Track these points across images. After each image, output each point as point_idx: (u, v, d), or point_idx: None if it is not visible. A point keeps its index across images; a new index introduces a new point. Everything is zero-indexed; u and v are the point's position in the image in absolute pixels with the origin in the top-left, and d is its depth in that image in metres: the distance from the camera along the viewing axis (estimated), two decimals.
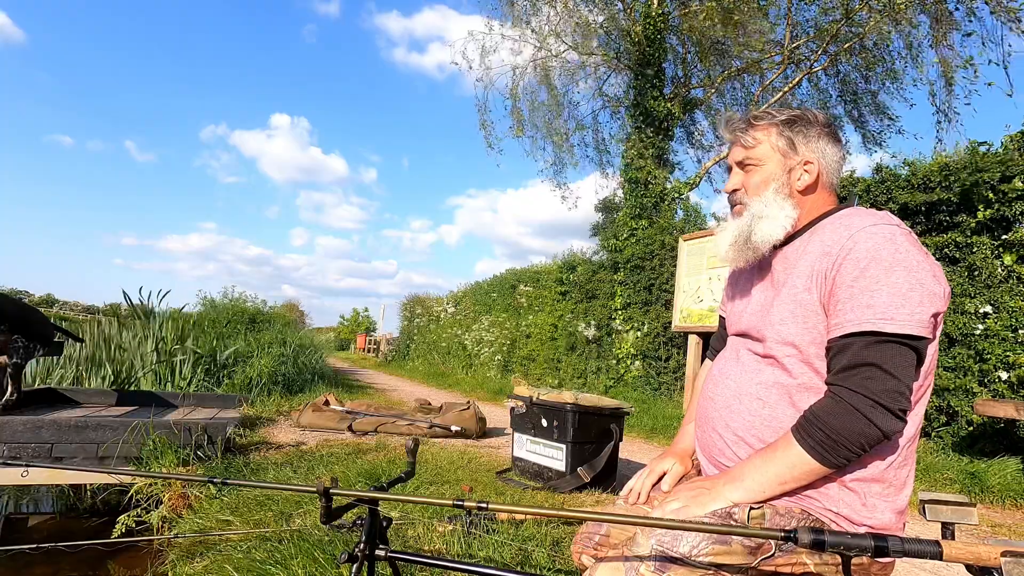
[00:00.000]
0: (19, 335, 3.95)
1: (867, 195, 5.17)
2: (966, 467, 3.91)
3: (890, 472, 1.02)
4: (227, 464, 3.54)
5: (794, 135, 1.16)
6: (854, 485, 1.01)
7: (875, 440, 0.94)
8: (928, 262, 0.99)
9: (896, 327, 0.93)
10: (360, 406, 5.77)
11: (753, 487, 1.01)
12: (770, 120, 1.18)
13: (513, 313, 12.24)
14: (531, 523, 2.54)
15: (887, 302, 0.94)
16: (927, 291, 0.95)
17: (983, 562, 0.75)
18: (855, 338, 0.96)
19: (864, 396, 0.93)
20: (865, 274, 0.97)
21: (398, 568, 1.29)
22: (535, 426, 3.67)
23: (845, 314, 0.98)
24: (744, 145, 1.19)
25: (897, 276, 0.96)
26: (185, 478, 3.41)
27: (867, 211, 1.08)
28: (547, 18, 11.69)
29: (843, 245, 1.02)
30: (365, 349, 27.22)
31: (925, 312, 0.94)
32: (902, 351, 0.94)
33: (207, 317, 8.90)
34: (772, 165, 1.17)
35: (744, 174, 1.20)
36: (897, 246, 0.98)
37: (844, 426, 0.94)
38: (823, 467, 0.97)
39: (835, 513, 1.02)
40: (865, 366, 0.94)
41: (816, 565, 0.99)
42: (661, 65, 10.77)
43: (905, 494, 1.04)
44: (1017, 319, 4.13)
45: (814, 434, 0.97)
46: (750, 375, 1.14)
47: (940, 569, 2.51)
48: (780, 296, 1.11)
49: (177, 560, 2.45)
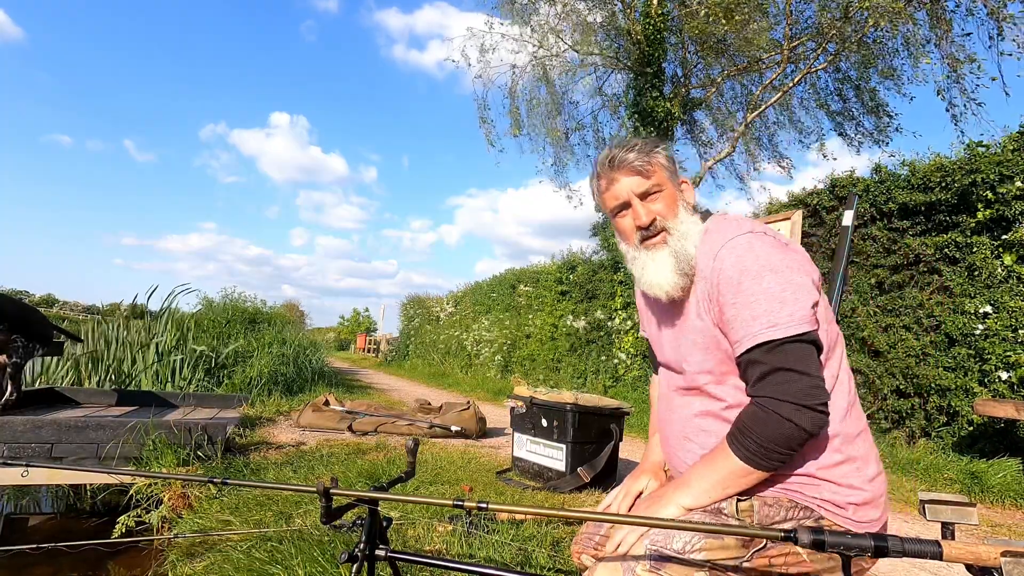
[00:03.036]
0: (19, 335, 3.95)
1: (867, 195, 5.17)
2: (966, 467, 3.91)
3: (851, 449, 1.07)
4: (227, 464, 3.54)
5: (669, 158, 1.22)
6: (824, 474, 1.05)
7: (803, 440, 0.99)
8: (789, 257, 1.06)
9: (783, 331, 0.99)
10: (360, 406, 5.77)
11: (700, 494, 1.05)
12: (651, 148, 1.21)
13: (513, 313, 12.24)
14: (531, 523, 2.54)
15: (767, 309, 1.01)
16: (799, 287, 1.03)
17: (983, 562, 0.75)
18: (754, 351, 1.02)
19: (784, 401, 0.97)
20: (740, 289, 1.04)
21: (398, 568, 1.29)
22: (535, 426, 3.67)
23: (738, 332, 1.04)
24: (644, 175, 1.19)
25: (767, 282, 1.02)
26: (185, 478, 3.41)
27: (722, 224, 1.16)
28: (546, 17, 11.68)
29: (712, 268, 1.09)
30: (365, 349, 27.22)
31: (803, 307, 1.01)
32: (800, 348, 1.00)
33: (207, 317, 8.89)
34: (670, 187, 1.21)
35: (646, 203, 1.20)
36: (757, 253, 1.05)
37: (772, 433, 0.98)
38: (759, 471, 1.02)
39: (821, 499, 1.05)
40: (774, 372, 0.99)
41: (809, 554, 1.01)
42: (661, 65, 10.75)
43: (874, 464, 1.09)
44: (1017, 319, 4.13)
45: (747, 444, 1.01)
46: (687, 410, 1.20)
47: (940, 569, 2.50)
48: (683, 327, 1.18)
49: (177, 560, 2.45)
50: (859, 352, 5.12)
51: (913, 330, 4.75)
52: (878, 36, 9.43)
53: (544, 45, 11.69)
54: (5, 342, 3.88)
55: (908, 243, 4.83)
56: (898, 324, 4.85)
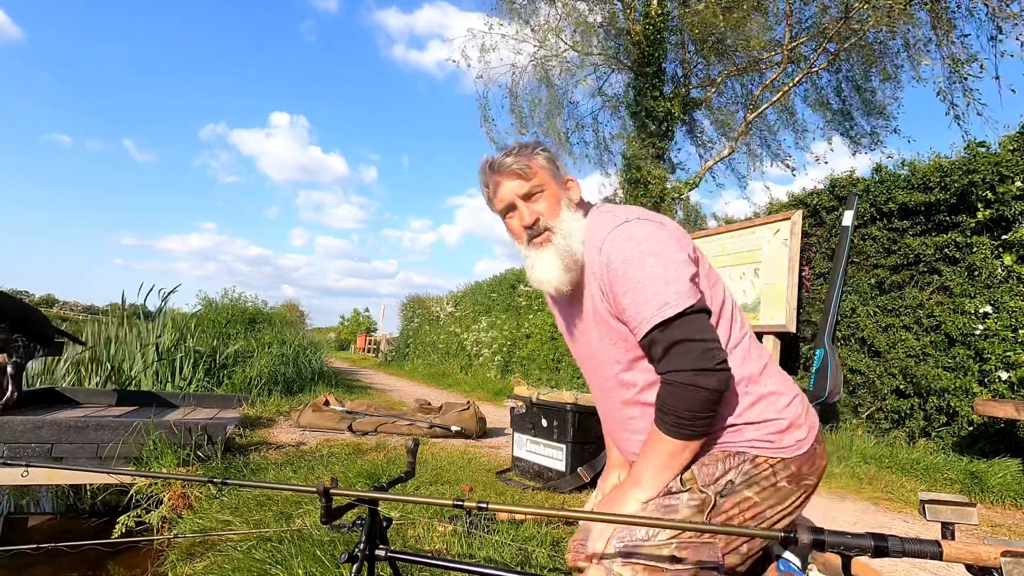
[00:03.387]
0: (20, 335, 3.95)
1: (867, 195, 5.17)
2: (966, 467, 3.91)
3: (758, 387, 1.14)
4: (227, 464, 3.54)
5: (551, 159, 1.27)
6: (742, 418, 1.12)
7: (715, 399, 1.04)
8: (664, 235, 1.12)
9: (673, 309, 1.05)
10: (360, 406, 5.77)
11: (651, 484, 1.11)
12: (531, 151, 1.26)
13: (513, 313, 12.24)
14: (531, 523, 2.54)
15: (655, 291, 1.07)
16: (678, 264, 1.09)
17: (983, 562, 0.75)
18: (652, 332, 1.07)
19: (686, 370, 1.03)
20: (628, 279, 1.10)
21: (398, 568, 1.29)
22: (535, 426, 3.67)
23: (634, 318, 1.10)
24: (525, 178, 1.24)
25: (650, 266, 1.08)
26: (185, 478, 3.41)
27: (601, 217, 1.21)
28: (546, 17, 11.68)
29: (599, 262, 1.15)
30: (365, 349, 27.21)
31: (685, 282, 1.07)
32: (691, 319, 1.05)
33: (207, 317, 8.89)
34: (553, 187, 1.26)
35: (529, 204, 1.25)
36: (635, 240, 1.11)
37: (686, 403, 1.03)
38: (692, 442, 1.08)
39: (747, 441, 1.12)
40: (673, 346, 1.05)
41: (757, 493, 1.09)
42: (661, 65, 10.75)
43: (786, 394, 1.16)
44: (1017, 319, 4.13)
45: (669, 421, 1.06)
46: (612, 401, 1.26)
47: (940, 569, 2.50)
48: (586, 322, 1.24)
49: (177, 560, 2.45)
50: (859, 352, 5.12)
51: (913, 330, 4.75)
52: (879, 36, 9.43)
53: (544, 45, 11.68)
54: (6, 341, 3.88)
55: (908, 243, 4.83)
56: (898, 324, 4.85)
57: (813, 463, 1.13)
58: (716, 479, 1.09)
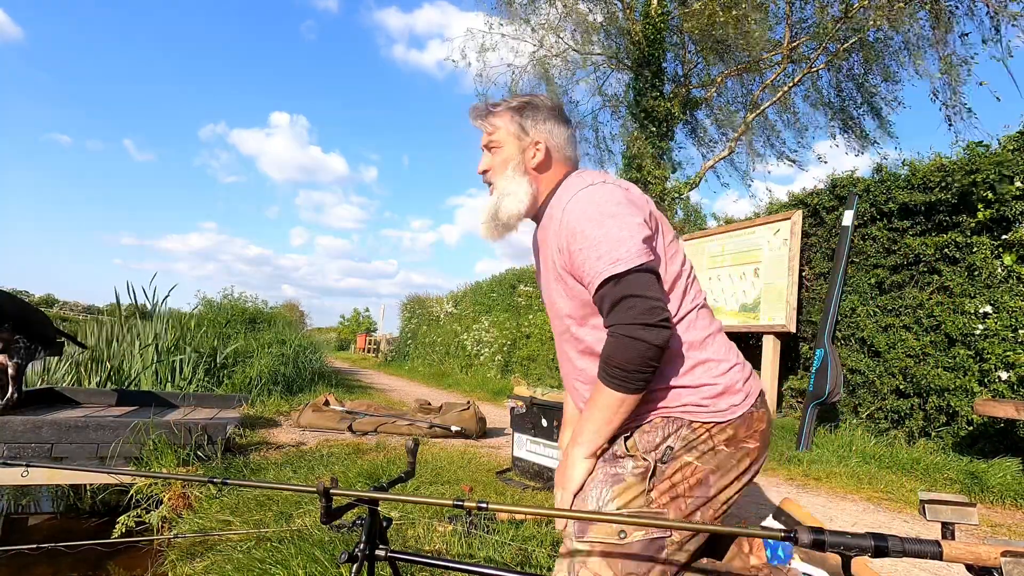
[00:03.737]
0: (21, 335, 3.95)
1: (867, 195, 5.17)
2: (966, 467, 3.91)
3: (700, 354, 1.18)
4: (227, 464, 3.54)
5: (523, 119, 1.31)
6: (679, 381, 1.16)
7: (656, 354, 1.07)
8: (623, 198, 1.17)
9: (624, 265, 1.09)
10: (360, 406, 5.77)
11: (592, 438, 1.16)
12: (505, 107, 1.33)
13: (513, 313, 12.23)
14: (531, 523, 2.54)
15: (608, 249, 1.11)
16: (632, 226, 1.13)
17: (983, 562, 0.75)
18: (603, 287, 1.11)
19: (630, 324, 1.06)
20: (586, 236, 1.14)
21: (398, 568, 1.29)
22: (535, 426, 3.67)
23: (588, 274, 1.14)
24: (487, 131, 1.34)
25: (607, 226, 1.13)
26: (185, 478, 3.40)
27: (575, 178, 1.27)
28: (546, 16, 11.68)
29: (561, 221, 1.20)
30: (365, 349, 27.20)
31: (637, 243, 1.11)
32: (639, 277, 1.09)
33: (207, 317, 8.89)
34: (509, 147, 1.32)
35: (491, 156, 1.34)
36: (596, 201, 1.16)
37: (628, 355, 1.07)
38: (632, 395, 1.11)
39: (682, 406, 1.16)
40: (620, 301, 1.09)
41: (698, 457, 1.13)
42: (661, 64, 10.75)
43: (725, 360, 1.20)
44: (1017, 319, 4.13)
45: (612, 372, 1.10)
46: (567, 353, 1.32)
47: (940, 569, 2.50)
48: (549, 277, 1.29)
49: (177, 560, 2.45)
50: (859, 352, 5.12)
51: (913, 330, 4.75)
52: (879, 36, 9.43)
53: (544, 44, 11.68)
54: (8, 342, 3.87)
55: (908, 243, 4.83)
56: (898, 324, 4.85)
57: (749, 426, 1.17)
58: (656, 445, 1.14)
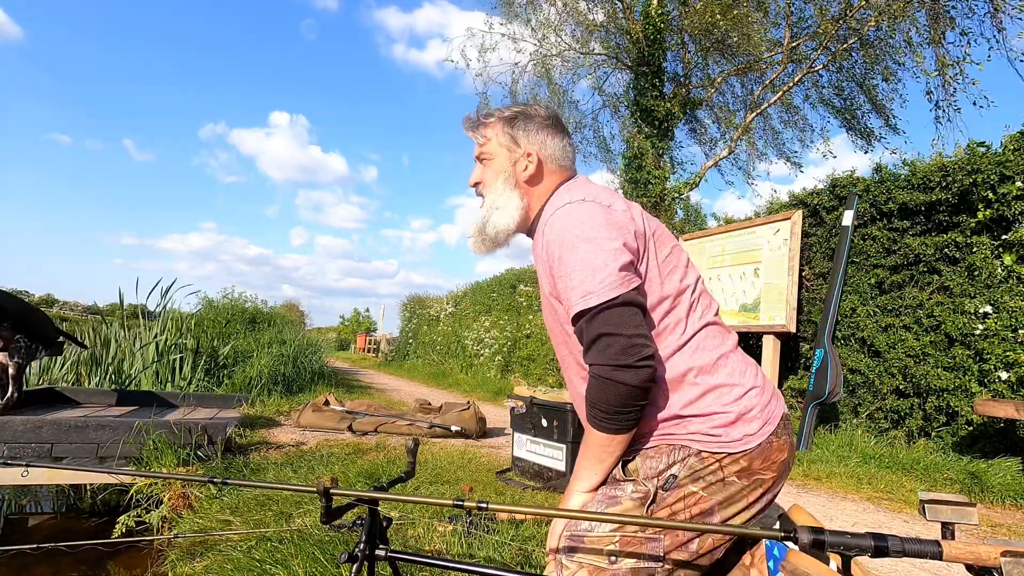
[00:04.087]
0: (22, 335, 3.95)
1: (867, 195, 5.17)
2: (966, 467, 3.91)
3: (710, 379, 1.09)
4: (227, 464, 3.54)
5: (515, 130, 1.26)
6: (690, 410, 1.08)
7: (637, 395, 1.00)
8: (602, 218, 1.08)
9: (596, 298, 1.02)
10: (360, 406, 5.77)
11: (588, 476, 1.10)
12: (497, 117, 1.28)
13: (513, 313, 12.23)
14: (531, 523, 2.54)
15: (581, 279, 1.04)
16: (608, 252, 1.04)
17: (983, 562, 0.75)
18: (579, 320, 1.05)
19: (605, 365, 1.00)
20: (562, 262, 1.08)
21: (398, 568, 1.29)
22: (535, 426, 3.67)
23: (565, 303, 1.08)
24: (478, 143, 1.29)
25: (581, 252, 1.05)
26: (185, 478, 3.40)
27: (563, 191, 1.20)
28: (547, 15, 11.68)
29: (544, 241, 1.14)
30: (365, 349, 27.19)
31: (613, 271, 1.03)
32: (615, 312, 1.01)
33: (207, 317, 8.90)
34: (500, 159, 1.27)
35: (482, 168, 1.30)
36: (574, 222, 1.08)
37: (607, 397, 1.01)
38: (619, 435, 1.05)
39: (690, 434, 1.08)
40: (596, 340, 1.02)
41: (705, 487, 1.05)
42: (661, 64, 10.75)
43: (739, 383, 1.11)
44: (1017, 319, 4.13)
45: (595, 415, 1.04)
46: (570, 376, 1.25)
47: (940, 569, 2.51)
48: (545, 293, 1.23)
49: (177, 560, 2.45)
50: (859, 352, 5.12)
51: (913, 330, 4.75)
52: (879, 35, 9.44)
53: (544, 44, 11.68)
54: (8, 341, 3.87)
55: (908, 243, 4.83)
56: (898, 324, 4.85)
57: (767, 457, 1.07)
58: (659, 472, 1.07)
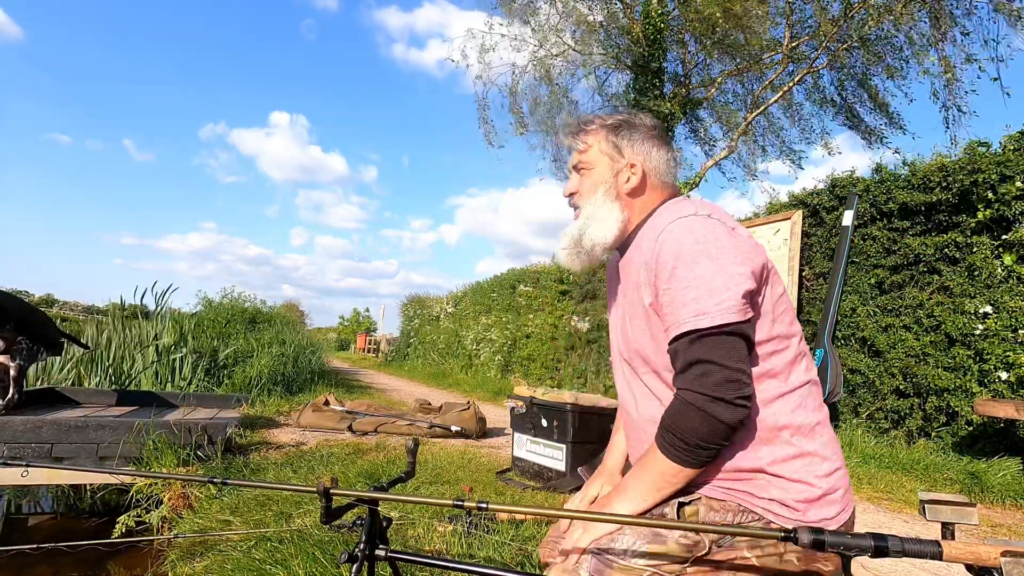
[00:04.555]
0: (23, 336, 3.95)
1: (867, 195, 5.17)
2: (966, 467, 3.91)
3: (805, 443, 1.02)
4: (227, 464, 3.54)
5: (619, 139, 1.19)
6: (775, 469, 1.01)
7: (723, 433, 0.94)
8: (731, 243, 1.01)
9: (710, 320, 0.95)
10: (360, 406, 5.77)
11: (636, 499, 1.02)
12: (599, 125, 1.22)
13: (513, 313, 12.23)
14: (531, 523, 2.54)
15: (696, 296, 0.97)
16: (731, 275, 0.97)
17: (983, 562, 0.75)
18: (680, 340, 0.98)
19: (700, 394, 0.94)
20: (675, 275, 1.00)
21: (398, 568, 1.29)
22: (535, 426, 3.67)
23: (668, 318, 1.01)
24: (577, 150, 1.23)
25: (701, 268, 0.98)
26: (185, 478, 3.41)
27: (674, 205, 1.13)
28: (546, 16, 11.68)
29: (653, 250, 1.05)
30: (365, 349, 27.20)
31: (734, 296, 0.96)
32: (725, 341, 0.95)
33: (207, 317, 8.90)
34: (601, 169, 1.20)
35: (580, 177, 1.24)
36: (696, 237, 1.00)
37: (692, 427, 0.95)
38: (689, 469, 0.99)
39: (769, 500, 1.00)
40: (695, 364, 0.96)
41: (758, 558, 0.97)
42: (661, 64, 10.76)
43: (832, 460, 1.03)
44: (1017, 319, 4.13)
45: (670, 440, 0.98)
46: (638, 399, 1.16)
47: (940, 569, 2.50)
48: (627, 311, 1.15)
49: (177, 560, 2.45)
50: (859, 352, 5.12)
51: (913, 330, 4.75)
52: (880, 35, 9.43)
53: (544, 45, 11.68)
54: (10, 342, 3.87)
55: (908, 243, 4.83)
56: (898, 324, 4.85)
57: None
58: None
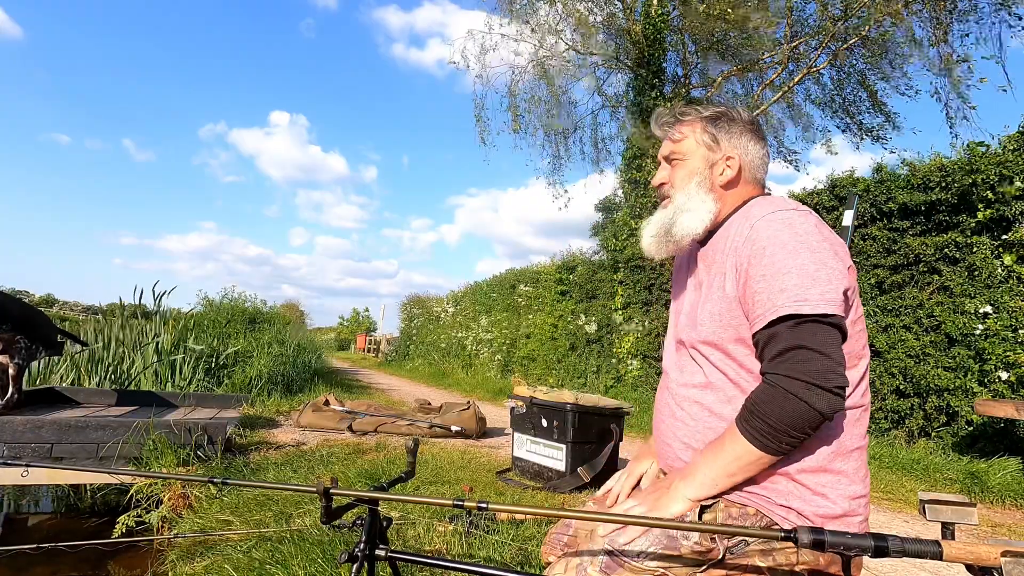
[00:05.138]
0: (22, 336, 3.94)
1: (867, 195, 5.17)
2: (966, 467, 3.91)
3: (837, 461, 1.01)
4: (227, 464, 3.54)
5: (717, 131, 1.18)
6: (802, 477, 1.00)
7: (815, 421, 0.92)
8: (828, 241, 1.01)
9: (811, 307, 0.93)
10: (360, 406, 5.77)
11: (705, 482, 1.01)
12: (696, 116, 1.20)
13: (513, 313, 12.23)
14: (531, 523, 2.54)
15: (797, 283, 0.95)
16: (832, 270, 0.97)
17: (983, 562, 0.75)
18: (777, 324, 0.96)
19: (797, 379, 0.91)
20: (773, 262, 0.98)
21: (398, 568, 1.28)
22: (535, 426, 3.67)
23: (763, 304, 0.98)
24: (672, 139, 1.22)
25: (802, 258, 0.97)
26: (185, 478, 3.41)
27: (768, 200, 1.12)
28: (546, 16, 11.68)
29: (746, 237, 1.04)
30: (365, 349, 27.21)
31: (835, 290, 0.95)
32: (824, 330, 0.94)
33: (207, 317, 8.90)
34: (696, 160, 1.19)
35: (671, 168, 1.23)
36: (795, 230, 1.00)
37: (783, 411, 0.92)
38: (768, 455, 0.97)
39: (786, 507, 1.00)
40: (793, 349, 0.93)
41: (768, 566, 0.97)
42: (661, 65, 10.76)
43: (859, 483, 1.02)
44: (1017, 319, 4.13)
45: (755, 424, 0.95)
46: (687, 382, 1.14)
47: (940, 569, 2.50)
48: (703, 297, 1.13)
49: (177, 560, 2.45)
50: None
51: (913, 330, 4.75)
52: (880, 34, 9.44)
53: (544, 45, 11.68)
54: (9, 343, 3.87)
55: (908, 243, 4.83)
56: (898, 324, 4.85)
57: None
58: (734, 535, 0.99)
